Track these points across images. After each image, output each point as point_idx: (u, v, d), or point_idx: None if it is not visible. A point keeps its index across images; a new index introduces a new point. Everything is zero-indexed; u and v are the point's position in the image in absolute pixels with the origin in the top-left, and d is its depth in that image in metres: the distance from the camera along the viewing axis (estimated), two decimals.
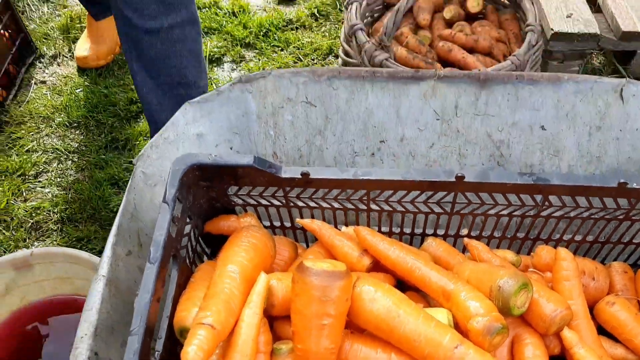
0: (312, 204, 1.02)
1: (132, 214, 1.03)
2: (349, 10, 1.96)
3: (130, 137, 2.33)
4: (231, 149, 1.15)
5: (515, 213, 0.98)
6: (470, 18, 2.10)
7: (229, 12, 2.88)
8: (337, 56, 2.68)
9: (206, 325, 0.79)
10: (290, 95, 1.18)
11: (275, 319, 0.93)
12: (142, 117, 2.43)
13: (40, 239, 2.05)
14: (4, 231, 2.06)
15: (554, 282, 0.97)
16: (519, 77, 1.16)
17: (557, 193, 0.92)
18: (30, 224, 2.09)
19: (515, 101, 1.17)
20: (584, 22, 2.17)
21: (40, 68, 2.69)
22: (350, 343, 0.86)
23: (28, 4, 3.01)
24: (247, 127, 1.17)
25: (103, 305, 0.93)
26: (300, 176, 0.93)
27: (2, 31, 2.47)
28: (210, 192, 0.99)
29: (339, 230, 1.06)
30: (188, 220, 0.95)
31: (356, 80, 1.20)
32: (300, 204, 1.02)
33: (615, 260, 1.11)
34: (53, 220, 2.10)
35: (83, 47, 2.55)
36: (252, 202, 1.03)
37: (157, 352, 0.84)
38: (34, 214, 2.12)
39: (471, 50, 1.95)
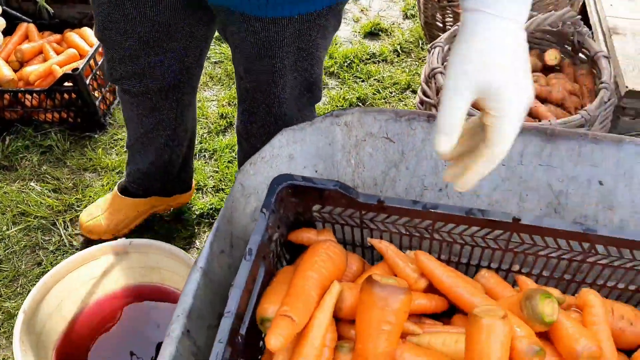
0: (382, 228, 1.17)
1: (229, 219, 1.21)
2: (431, 53, 2.11)
3: (217, 149, 2.55)
4: (316, 171, 1.32)
5: (563, 256, 1.10)
6: (547, 70, 2.20)
7: None
8: (414, 91, 2.82)
9: (287, 317, 0.95)
10: (372, 131, 1.34)
11: (340, 321, 1.08)
12: (229, 131, 2.65)
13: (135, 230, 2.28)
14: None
15: (585, 325, 1.07)
16: (583, 136, 1.27)
17: (602, 243, 1.03)
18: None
19: (577, 156, 1.28)
20: None
21: None
22: (402, 350, 1.00)
23: None
24: (331, 155, 1.33)
25: (197, 292, 1.10)
26: (376, 202, 1.08)
27: None
28: (298, 207, 1.16)
29: (404, 253, 1.20)
30: (277, 228, 1.12)
31: (432, 123, 1.34)
32: (372, 226, 1.18)
33: None
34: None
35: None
36: (332, 220, 1.19)
37: (240, 335, 1.01)
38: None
39: (544, 100, 2.05)
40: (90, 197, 2.38)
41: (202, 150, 2.54)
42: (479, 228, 1.09)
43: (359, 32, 3.18)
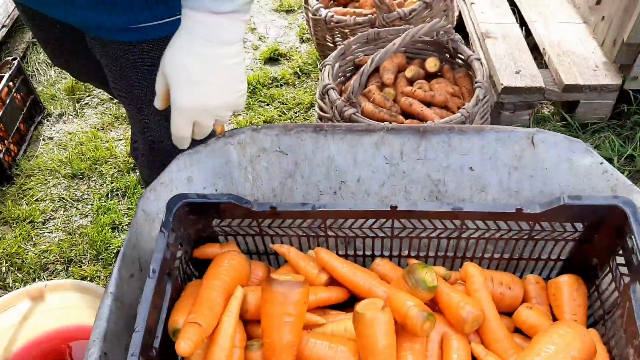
0: (280, 232, 1.27)
1: (134, 245, 1.27)
2: (322, 71, 2.25)
3: (129, 186, 2.58)
4: (216, 190, 1.40)
5: (442, 235, 1.23)
6: (430, 76, 2.40)
7: None
8: None
9: (195, 323, 1.02)
10: (265, 146, 1.44)
11: (248, 323, 1.16)
12: None
13: (48, 278, 2.27)
14: (16, 272, 2.28)
15: (468, 293, 1.20)
16: (450, 129, 1.42)
17: (470, 218, 1.17)
18: (39, 265, 2.31)
19: (448, 148, 1.43)
20: (531, 77, 2.47)
21: (48, 126, 2.96)
22: (307, 338, 1.09)
23: (37, 69, 3.31)
24: (229, 173, 1.42)
25: (111, 316, 1.15)
26: (269, 209, 1.18)
27: (14, 94, 2.76)
28: (197, 224, 1.24)
29: (305, 254, 1.30)
30: (179, 246, 1.20)
31: (320, 133, 1.46)
32: (271, 232, 1.27)
33: (531, 273, 1.34)
34: (60, 262, 2.33)
35: None
36: (232, 232, 1.28)
37: (154, 348, 1.07)
38: (42, 257, 2.35)
39: (429, 104, 2.23)
40: (4, 249, 2.34)
41: (114, 190, 2.55)
42: (365, 220, 1.20)
43: (259, 59, 3.30)
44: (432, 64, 2.34)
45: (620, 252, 1.13)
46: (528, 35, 2.83)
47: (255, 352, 1.10)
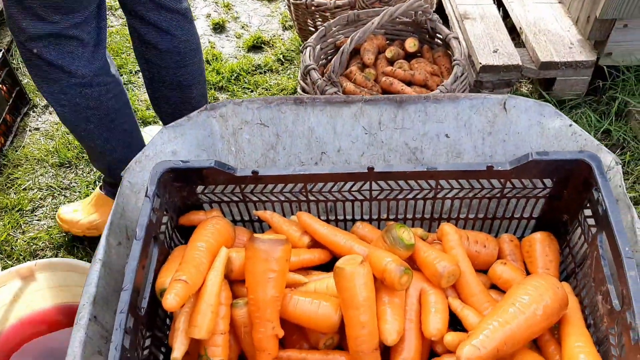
0: (263, 198, 1.31)
1: (121, 214, 1.31)
2: (304, 53, 2.29)
3: None
4: None
5: (418, 197, 1.28)
6: (409, 56, 2.44)
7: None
8: None
9: (181, 280, 1.06)
10: (247, 118, 1.48)
11: (234, 283, 1.20)
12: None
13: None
14: (6, 260, 2.31)
15: (445, 251, 1.25)
16: (426, 98, 1.47)
17: (445, 177, 1.22)
18: (29, 252, 2.33)
19: (425, 116, 1.48)
20: (508, 55, 2.52)
21: (34, 117, 2.98)
22: (291, 295, 1.14)
23: (22, 61, 3.32)
24: (212, 145, 1.46)
25: (100, 282, 1.19)
26: (251, 174, 1.22)
27: (0, 85, 2.77)
28: (182, 191, 1.27)
29: (287, 219, 1.34)
30: (165, 213, 1.23)
31: (300, 105, 1.50)
32: (254, 198, 1.31)
33: (505, 233, 1.40)
34: (49, 248, 2.35)
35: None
36: (216, 199, 1.32)
37: (142, 308, 1.11)
38: (32, 244, 2.37)
39: (409, 83, 2.28)
40: None
41: (101, 176, 2.58)
42: (344, 182, 1.25)
43: (243, 47, 3.34)
44: (411, 44, 2.39)
45: (588, 205, 1.18)
46: (506, 16, 2.88)
47: (241, 310, 1.14)
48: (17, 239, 2.39)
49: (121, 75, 3.08)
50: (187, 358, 1.14)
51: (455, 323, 1.20)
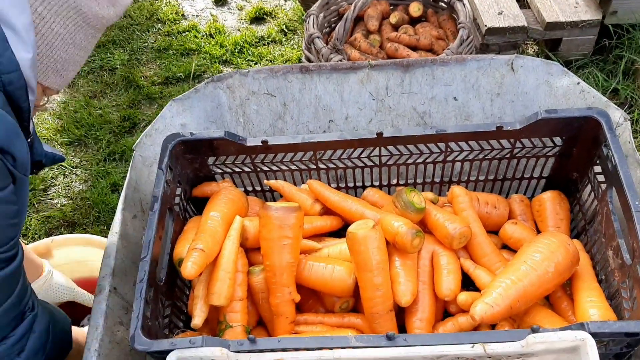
0: (274, 168, 1.32)
1: (135, 187, 1.33)
2: (307, 22, 2.28)
3: (125, 149, 2.62)
4: None
5: (427, 160, 1.29)
6: (414, 21, 2.42)
7: (206, 34, 3.20)
8: None
9: (198, 249, 1.08)
10: (254, 89, 1.49)
11: (249, 251, 1.22)
12: (134, 131, 2.72)
13: None
14: (21, 239, 2.34)
15: (455, 213, 1.26)
16: (433, 61, 1.47)
17: (454, 140, 1.22)
18: (44, 231, 2.37)
19: (432, 80, 1.47)
20: (514, 17, 2.50)
21: None
22: (305, 261, 1.16)
23: None
24: (221, 116, 1.46)
25: (118, 254, 1.21)
26: (261, 143, 1.23)
27: None
28: (194, 163, 1.29)
29: (298, 187, 1.35)
30: (178, 184, 1.25)
31: (306, 73, 1.50)
32: (265, 168, 1.32)
33: (516, 193, 1.40)
34: (64, 226, 2.39)
35: None
36: (228, 170, 1.33)
37: (161, 278, 1.13)
38: (46, 222, 2.40)
39: (415, 48, 2.26)
40: None
41: (111, 154, 2.60)
42: (353, 149, 1.25)
43: (245, 19, 3.31)
44: (415, 8, 2.37)
45: (597, 161, 1.19)
46: None
47: (257, 276, 1.16)
48: (31, 218, 2.43)
49: (124, 50, 3.07)
50: (206, 325, 1.17)
51: (467, 284, 1.22)
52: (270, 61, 3.04)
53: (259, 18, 3.33)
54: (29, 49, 0.84)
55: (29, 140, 0.93)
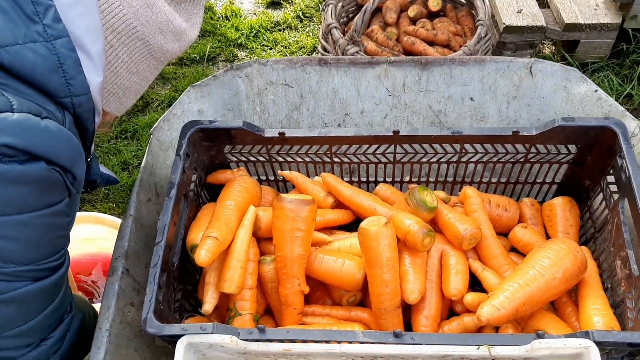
0: (289, 159, 1.33)
1: (150, 171, 1.34)
2: (325, 11, 2.28)
3: (137, 128, 2.63)
4: None
5: (441, 160, 1.30)
6: (432, 15, 2.41)
7: (222, 16, 3.19)
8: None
9: (212, 237, 1.10)
10: (272, 79, 1.49)
11: (261, 240, 1.23)
12: (147, 110, 2.73)
13: None
14: None
15: (467, 214, 1.27)
16: (452, 60, 1.47)
17: (470, 142, 1.23)
18: None
19: (449, 79, 1.48)
20: (532, 16, 2.49)
21: None
22: (316, 253, 1.17)
23: None
24: (238, 105, 1.47)
25: (131, 236, 1.23)
26: (278, 135, 1.24)
27: None
28: (211, 150, 1.30)
29: (312, 179, 1.37)
30: (194, 171, 1.26)
31: (324, 66, 1.50)
32: (280, 159, 1.33)
33: (527, 197, 1.41)
34: None
35: None
36: (243, 159, 1.34)
37: (174, 263, 1.15)
38: None
39: (432, 43, 2.26)
40: None
41: (123, 132, 2.61)
42: (368, 145, 1.26)
43: (261, 3, 3.30)
44: (434, 2, 2.36)
45: (611, 171, 1.20)
46: None
47: (268, 266, 1.18)
48: None
49: None
50: (214, 310, 1.19)
51: (474, 284, 1.23)
52: (285, 47, 3.04)
53: (275, 3, 3.32)
54: (100, 73, 0.89)
55: (88, 159, 0.98)
